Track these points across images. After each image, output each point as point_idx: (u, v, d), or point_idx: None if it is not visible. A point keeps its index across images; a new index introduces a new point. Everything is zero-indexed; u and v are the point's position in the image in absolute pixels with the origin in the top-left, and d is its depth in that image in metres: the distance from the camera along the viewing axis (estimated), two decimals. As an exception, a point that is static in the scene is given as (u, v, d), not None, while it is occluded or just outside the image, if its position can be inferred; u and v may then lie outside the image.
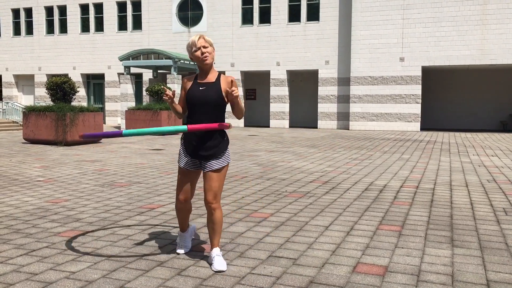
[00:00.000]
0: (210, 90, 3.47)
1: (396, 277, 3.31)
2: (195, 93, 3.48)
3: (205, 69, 3.53)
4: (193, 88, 3.52)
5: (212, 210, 3.50)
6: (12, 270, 3.41)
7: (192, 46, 3.46)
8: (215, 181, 3.49)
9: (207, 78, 3.53)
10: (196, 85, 3.52)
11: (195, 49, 3.45)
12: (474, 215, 5.21)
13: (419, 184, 7.29)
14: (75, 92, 14.78)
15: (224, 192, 6.48)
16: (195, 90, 3.50)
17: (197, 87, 3.51)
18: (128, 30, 27.85)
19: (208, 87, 3.49)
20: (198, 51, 3.45)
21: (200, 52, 3.45)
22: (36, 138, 14.20)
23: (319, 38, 24.17)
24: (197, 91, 3.49)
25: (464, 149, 13.13)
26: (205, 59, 3.46)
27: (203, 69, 3.53)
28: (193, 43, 3.45)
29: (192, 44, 3.46)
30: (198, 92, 3.48)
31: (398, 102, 22.70)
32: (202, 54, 3.45)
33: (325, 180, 7.58)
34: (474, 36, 21.39)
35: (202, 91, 3.48)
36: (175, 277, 3.29)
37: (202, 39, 3.47)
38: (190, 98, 3.50)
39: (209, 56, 3.47)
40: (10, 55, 30.82)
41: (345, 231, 4.51)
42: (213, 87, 3.49)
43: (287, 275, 3.35)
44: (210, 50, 3.48)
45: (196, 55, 3.47)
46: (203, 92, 3.47)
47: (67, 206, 5.56)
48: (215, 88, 3.48)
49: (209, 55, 3.47)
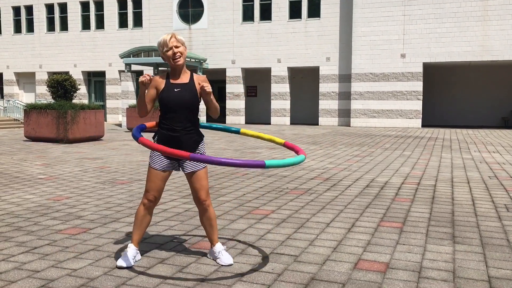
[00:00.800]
0: (185, 92, 3.40)
1: (398, 274, 3.31)
2: (170, 95, 3.38)
3: (177, 69, 3.44)
4: (167, 89, 3.41)
5: (206, 207, 3.51)
6: (13, 268, 3.41)
7: (164, 46, 3.37)
8: (204, 179, 3.48)
9: (180, 79, 3.45)
10: (170, 86, 3.42)
11: (167, 49, 3.36)
12: (476, 212, 5.21)
13: (420, 180, 7.28)
14: (76, 90, 14.78)
15: (225, 189, 6.48)
16: (170, 92, 3.40)
17: (172, 88, 3.41)
18: (128, 27, 27.83)
19: (183, 88, 3.41)
20: (170, 51, 3.36)
21: (172, 52, 3.36)
22: (37, 136, 14.21)
23: (320, 35, 24.13)
24: (172, 92, 3.39)
25: (465, 146, 13.11)
26: (176, 60, 3.38)
27: (175, 69, 3.44)
28: (165, 42, 3.36)
29: (163, 44, 3.37)
30: (173, 94, 3.39)
31: (399, 98, 22.67)
32: (174, 54, 3.37)
33: (326, 177, 7.58)
34: (476, 32, 21.34)
35: (178, 92, 3.39)
36: (177, 274, 3.29)
37: (174, 38, 3.38)
38: (165, 100, 3.39)
39: (181, 57, 3.38)
40: (11, 52, 30.81)
41: (346, 228, 4.51)
42: (188, 88, 3.42)
43: (288, 271, 3.35)
44: (182, 50, 3.39)
45: (168, 55, 3.37)
46: (178, 94, 3.39)
47: (68, 204, 5.57)
48: (190, 89, 3.42)
49: (181, 56, 3.38)
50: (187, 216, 4.95)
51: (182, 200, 5.76)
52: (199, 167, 3.47)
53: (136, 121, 19.13)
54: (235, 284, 3.12)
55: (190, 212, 5.13)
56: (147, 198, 3.46)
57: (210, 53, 25.85)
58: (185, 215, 5.00)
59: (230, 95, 25.88)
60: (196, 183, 3.47)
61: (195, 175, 3.46)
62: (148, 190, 3.46)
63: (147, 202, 3.46)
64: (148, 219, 3.51)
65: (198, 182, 3.47)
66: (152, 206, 3.49)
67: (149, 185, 3.46)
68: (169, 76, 3.48)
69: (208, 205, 3.51)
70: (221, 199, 5.85)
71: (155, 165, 3.44)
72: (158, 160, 3.44)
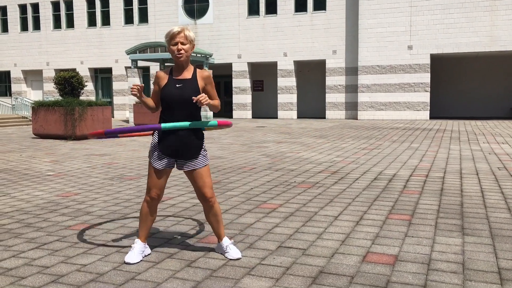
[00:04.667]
0: (187, 88, 3.36)
1: (406, 266, 3.30)
2: (172, 91, 3.35)
3: (180, 64, 3.41)
4: (169, 85, 3.38)
5: (212, 203, 3.50)
6: (24, 264, 3.44)
7: (171, 38, 3.34)
8: (207, 177, 3.46)
9: (183, 74, 3.42)
10: (172, 82, 3.38)
11: (173, 43, 3.33)
12: (485, 203, 5.17)
13: (428, 172, 7.24)
14: (83, 87, 14.84)
15: (233, 184, 6.48)
16: (171, 87, 3.36)
17: (173, 84, 3.37)
18: (134, 23, 27.86)
19: (184, 84, 3.37)
20: (175, 46, 3.33)
21: (176, 48, 3.32)
22: (46, 133, 14.29)
23: (326, 28, 24.01)
24: (174, 88, 3.35)
25: (474, 137, 13.02)
26: (179, 57, 3.34)
27: (178, 64, 3.41)
28: (173, 35, 3.32)
29: (171, 36, 3.33)
30: (174, 90, 3.35)
31: (406, 90, 22.54)
32: (178, 50, 3.32)
33: (334, 170, 7.55)
34: (483, 22, 21.12)
35: (179, 88, 3.35)
36: (185, 269, 3.30)
37: (183, 34, 3.32)
38: (166, 95, 3.35)
39: (184, 55, 3.33)
40: (18, 50, 30.97)
41: (355, 221, 4.49)
42: (190, 85, 3.37)
43: (296, 265, 3.35)
44: (187, 48, 3.34)
45: (172, 49, 3.34)
46: (180, 90, 3.35)
47: (77, 200, 5.60)
48: (192, 86, 3.37)
49: (184, 54, 3.33)
50: (195, 211, 4.96)
51: (190, 195, 5.78)
52: (199, 165, 3.45)
53: (144, 117, 19.19)
54: (243, 278, 3.12)
55: (198, 207, 5.13)
56: (149, 196, 3.46)
57: (216, 48, 25.82)
58: (192, 210, 5.01)
59: (237, 89, 25.86)
60: (198, 181, 3.45)
61: (196, 172, 3.44)
62: (149, 188, 3.45)
63: (150, 199, 3.46)
64: (153, 216, 3.51)
65: (201, 180, 3.45)
66: (155, 203, 3.49)
67: (150, 182, 3.45)
68: (172, 71, 3.45)
69: (214, 202, 3.51)
70: (229, 193, 5.85)
71: (154, 163, 3.42)
72: (156, 158, 3.42)
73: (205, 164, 3.49)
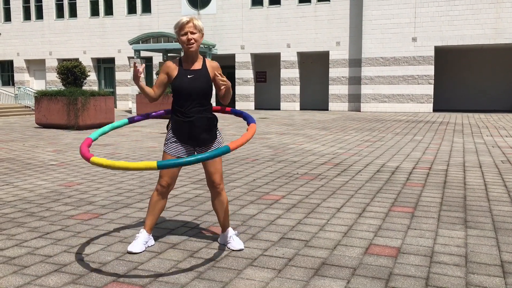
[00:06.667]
0: (199, 79, 3.36)
1: (409, 259, 3.30)
2: (184, 82, 3.34)
3: (190, 55, 3.39)
4: (180, 76, 3.37)
5: (220, 191, 3.51)
6: (27, 253, 3.45)
7: (180, 29, 3.32)
8: (218, 163, 3.48)
9: (193, 65, 3.41)
10: (183, 73, 3.38)
11: (182, 33, 3.32)
12: (488, 196, 5.16)
13: (431, 165, 7.23)
14: (86, 77, 14.82)
15: (236, 175, 6.48)
16: (183, 78, 3.36)
17: (185, 75, 3.37)
18: (137, 13, 27.74)
19: (196, 75, 3.37)
20: (185, 36, 3.31)
21: (186, 38, 3.31)
22: (49, 123, 14.31)
23: (330, 19, 23.87)
24: (186, 79, 3.35)
25: (477, 130, 12.97)
26: (190, 47, 3.32)
27: (188, 54, 3.39)
28: (182, 25, 3.31)
29: (180, 27, 3.31)
30: (186, 81, 3.35)
31: (410, 83, 22.44)
32: (188, 40, 3.31)
33: (337, 162, 7.54)
34: (488, 14, 20.96)
35: (191, 79, 3.35)
36: (188, 259, 3.31)
37: (192, 24, 3.31)
38: (178, 86, 3.35)
39: (195, 44, 3.33)
40: (21, 40, 30.91)
41: (357, 213, 4.49)
42: (201, 75, 3.37)
43: (299, 256, 3.35)
44: (197, 37, 3.33)
45: (182, 39, 3.33)
46: (192, 81, 3.35)
47: (80, 190, 5.61)
48: (203, 76, 3.37)
49: (195, 43, 3.32)
50: (198, 202, 4.96)
51: (193, 186, 5.78)
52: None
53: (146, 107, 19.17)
54: (246, 269, 3.13)
55: (201, 198, 5.14)
56: (160, 184, 3.46)
57: (219, 39, 25.72)
58: (195, 201, 5.01)
59: (240, 80, 25.79)
60: (211, 166, 3.47)
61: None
62: (162, 176, 3.45)
63: (160, 187, 3.46)
64: (161, 205, 3.51)
65: (213, 166, 3.47)
66: (166, 192, 3.49)
67: (163, 170, 3.45)
68: (182, 62, 3.44)
69: (222, 189, 3.52)
70: (231, 184, 5.85)
71: (170, 151, 3.43)
72: (173, 148, 3.43)
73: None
